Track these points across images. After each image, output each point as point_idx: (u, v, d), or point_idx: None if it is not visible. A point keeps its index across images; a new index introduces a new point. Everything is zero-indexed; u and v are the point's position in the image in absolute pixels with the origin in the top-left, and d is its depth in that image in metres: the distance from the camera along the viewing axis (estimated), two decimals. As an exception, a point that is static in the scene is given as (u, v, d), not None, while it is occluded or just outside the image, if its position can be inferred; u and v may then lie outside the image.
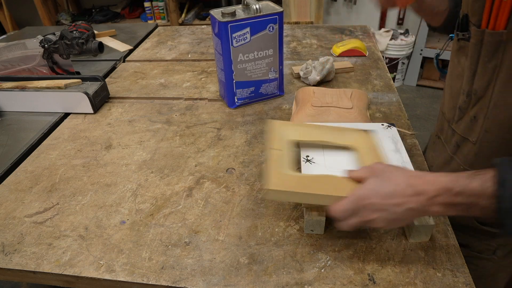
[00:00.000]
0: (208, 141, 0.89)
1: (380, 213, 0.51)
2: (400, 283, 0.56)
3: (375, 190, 0.51)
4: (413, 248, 0.61)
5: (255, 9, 0.89)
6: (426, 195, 0.49)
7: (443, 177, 0.50)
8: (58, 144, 0.92)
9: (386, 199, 0.50)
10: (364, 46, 1.28)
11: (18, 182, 0.80)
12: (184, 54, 1.38)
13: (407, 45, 2.78)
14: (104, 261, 0.62)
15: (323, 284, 0.56)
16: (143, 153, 0.86)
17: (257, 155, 0.84)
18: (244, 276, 0.58)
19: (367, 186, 0.53)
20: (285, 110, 1.00)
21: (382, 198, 0.50)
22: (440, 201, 0.49)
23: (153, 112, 1.02)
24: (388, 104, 1.00)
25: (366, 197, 0.51)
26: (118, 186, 0.77)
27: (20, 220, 0.70)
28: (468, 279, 0.56)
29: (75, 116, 1.03)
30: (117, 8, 3.07)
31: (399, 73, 2.95)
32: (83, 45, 1.15)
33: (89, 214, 0.71)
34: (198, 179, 0.78)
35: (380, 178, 0.53)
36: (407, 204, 0.50)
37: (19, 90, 1.03)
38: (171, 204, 0.72)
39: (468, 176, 0.49)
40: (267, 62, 0.98)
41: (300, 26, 1.59)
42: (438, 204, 0.49)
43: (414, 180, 0.51)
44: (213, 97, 1.08)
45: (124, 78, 1.22)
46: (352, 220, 0.53)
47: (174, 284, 0.58)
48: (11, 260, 0.63)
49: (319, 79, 1.08)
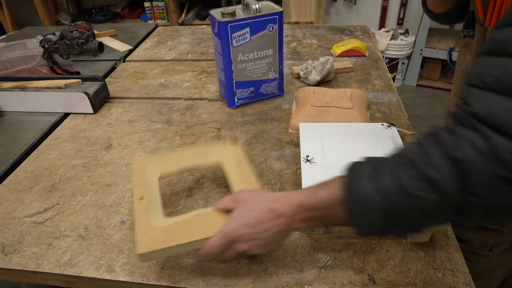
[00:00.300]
0: (208, 141, 0.89)
1: (252, 242, 0.52)
2: (400, 283, 0.56)
3: (241, 222, 0.53)
4: (413, 248, 0.61)
5: (255, 9, 0.89)
6: (286, 216, 0.51)
7: (297, 194, 0.52)
8: (58, 144, 0.92)
9: (253, 228, 0.52)
10: (364, 46, 1.29)
11: (18, 182, 0.80)
12: (184, 54, 1.38)
13: (407, 45, 2.78)
14: (104, 261, 0.62)
15: (323, 284, 0.56)
16: (143, 153, 0.86)
17: (257, 155, 0.84)
18: (244, 276, 0.58)
19: (233, 219, 0.54)
20: (285, 110, 1.00)
21: (250, 228, 0.52)
22: (300, 218, 0.51)
23: (153, 112, 1.02)
24: (388, 104, 1.00)
25: (234, 231, 0.52)
26: (118, 186, 0.77)
27: (20, 220, 0.71)
28: (468, 279, 0.56)
29: (75, 116, 1.03)
30: (117, 8, 3.07)
31: (399, 73, 2.95)
32: (83, 45, 1.15)
33: (89, 214, 0.71)
34: (198, 179, 0.78)
35: (244, 209, 0.54)
36: (273, 228, 0.52)
37: (19, 90, 1.02)
38: (171, 204, 0.72)
39: (318, 189, 0.51)
40: (267, 62, 0.98)
41: (300, 26, 1.59)
42: (299, 221, 0.51)
43: (274, 204, 0.52)
44: (213, 97, 1.08)
45: (124, 78, 1.22)
46: (227, 253, 0.54)
47: (174, 284, 0.58)
48: (11, 260, 0.63)
49: (319, 79, 1.08)
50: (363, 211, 0.46)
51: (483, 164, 0.39)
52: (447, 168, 0.41)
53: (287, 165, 0.80)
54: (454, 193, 0.41)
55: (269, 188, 0.74)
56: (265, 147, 0.86)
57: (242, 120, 0.97)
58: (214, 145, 0.74)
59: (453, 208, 0.42)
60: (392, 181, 0.44)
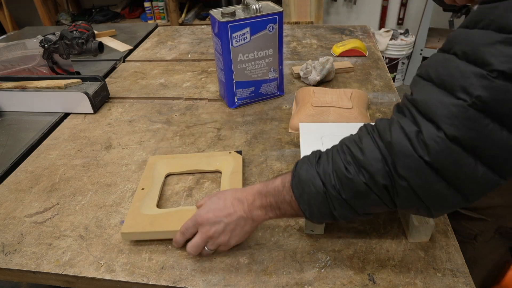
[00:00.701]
0: (208, 141, 0.89)
1: (217, 225, 0.58)
2: (400, 283, 0.56)
3: (209, 208, 0.59)
4: (413, 248, 0.61)
5: (255, 9, 0.89)
6: (246, 202, 0.57)
7: (258, 184, 0.58)
8: (58, 144, 0.92)
9: (218, 212, 0.58)
10: (364, 46, 1.28)
11: (18, 182, 0.80)
12: (184, 54, 1.38)
13: (407, 45, 2.78)
14: (104, 261, 0.62)
15: (323, 284, 0.56)
16: (143, 153, 0.86)
17: (257, 155, 0.84)
18: (244, 276, 0.58)
19: (203, 206, 0.61)
20: (285, 110, 1.00)
21: (215, 212, 0.58)
22: (258, 204, 0.56)
23: (153, 112, 1.02)
24: (388, 104, 1.00)
25: (202, 215, 0.59)
26: (118, 186, 0.77)
27: (20, 220, 0.70)
28: (468, 279, 0.56)
29: (75, 116, 1.03)
30: (117, 8, 3.07)
31: (399, 73, 2.95)
32: (83, 45, 1.14)
33: (89, 214, 0.71)
34: (198, 179, 0.78)
35: (213, 198, 0.61)
36: (236, 213, 0.57)
37: (19, 90, 1.02)
38: (171, 204, 0.72)
39: (274, 178, 0.57)
40: (267, 62, 0.98)
41: (300, 26, 1.59)
42: (257, 208, 0.56)
43: (239, 193, 0.59)
44: (213, 97, 1.08)
45: (124, 78, 1.22)
46: (196, 238, 0.59)
47: (174, 284, 0.58)
48: (11, 260, 0.63)
49: (319, 79, 1.08)
50: (307, 195, 0.51)
51: (409, 147, 0.43)
52: (373, 151, 0.46)
53: (287, 165, 0.80)
54: (381, 175, 0.45)
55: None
56: (265, 147, 0.86)
57: (242, 120, 0.97)
58: (221, 152, 0.83)
59: (383, 191, 0.46)
60: (330, 166, 0.49)
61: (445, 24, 2.75)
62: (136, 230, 0.62)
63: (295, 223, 0.66)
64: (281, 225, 0.66)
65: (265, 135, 0.90)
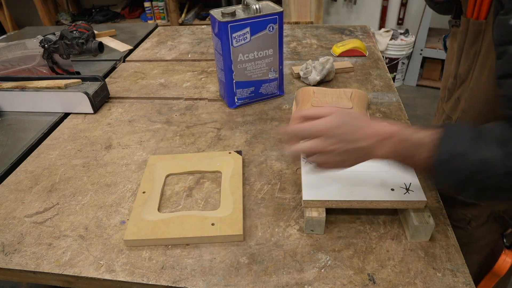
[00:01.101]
0: (208, 141, 0.89)
1: (339, 145, 0.53)
2: (400, 283, 0.56)
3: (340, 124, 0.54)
4: (413, 248, 0.61)
5: (255, 9, 0.89)
6: (376, 137, 0.53)
7: (393, 125, 0.54)
8: (58, 144, 0.92)
9: (347, 134, 0.54)
10: (364, 46, 1.29)
11: (18, 182, 0.80)
12: (184, 54, 1.38)
13: (407, 45, 2.78)
14: (104, 261, 0.62)
15: (323, 284, 0.56)
16: (143, 153, 0.86)
17: (257, 155, 0.84)
18: (244, 276, 0.58)
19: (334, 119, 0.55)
20: (285, 110, 1.00)
21: (345, 134, 0.54)
22: (388, 144, 0.53)
23: (153, 112, 1.02)
24: (388, 104, 1.00)
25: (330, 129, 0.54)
26: (118, 186, 0.77)
27: (20, 220, 0.70)
28: (468, 279, 0.56)
29: (75, 116, 1.03)
30: (117, 8, 3.07)
31: (399, 73, 2.95)
32: (83, 45, 1.15)
33: (89, 214, 0.71)
34: (198, 179, 0.78)
35: (347, 117, 0.55)
36: (362, 142, 0.53)
37: (19, 90, 1.02)
38: (171, 204, 0.72)
39: (415, 129, 0.53)
40: (267, 62, 0.98)
41: (300, 26, 1.59)
42: (385, 147, 0.53)
43: (371, 122, 0.56)
44: (213, 97, 1.08)
45: (124, 78, 1.22)
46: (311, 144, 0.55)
47: (174, 284, 0.58)
48: (11, 260, 0.63)
49: (319, 79, 1.08)
50: (450, 167, 0.49)
51: None
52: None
53: (287, 165, 0.80)
54: None
55: (269, 188, 0.74)
56: (265, 147, 0.86)
57: (242, 120, 0.97)
58: (221, 152, 0.82)
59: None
60: (488, 151, 0.48)
61: (445, 24, 2.75)
62: (139, 238, 0.63)
63: (295, 223, 0.66)
64: (281, 225, 0.66)
65: (265, 135, 0.90)
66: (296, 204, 0.70)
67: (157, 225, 0.65)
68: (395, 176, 0.66)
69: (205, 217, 0.66)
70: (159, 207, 0.71)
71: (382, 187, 0.64)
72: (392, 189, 0.64)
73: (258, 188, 0.75)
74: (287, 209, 0.69)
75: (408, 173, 0.67)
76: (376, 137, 0.53)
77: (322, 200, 0.63)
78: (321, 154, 0.55)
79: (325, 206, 0.63)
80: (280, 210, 0.69)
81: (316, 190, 0.64)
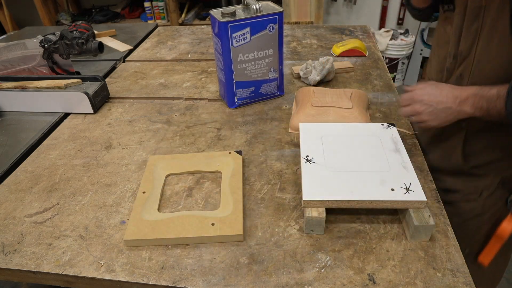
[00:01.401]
0: (208, 141, 0.89)
1: (427, 106, 0.72)
2: (400, 283, 0.56)
3: (426, 92, 0.74)
4: (413, 248, 0.61)
5: (255, 9, 0.89)
6: (459, 98, 0.70)
7: (473, 88, 0.70)
8: (58, 144, 0.92)
9: (432, 97, 0.72)
10: (364, 46, 1.28)
11: (18, 182, 0.80)
12: (184, 54, 1.38)
13: (407, 45, 2.78)
14: (104, 261, 0.62)
15: (323, 284, 0.56)
16: (143, 153, 0.86)
17: (257, 155, 0.84)
18: (244, 276, 0.58)
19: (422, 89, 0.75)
20: (285, 110, 1.00)
21: (430, 97, 0.72)
22: (470, 102, 0.69)
23: (153, 112, 1.02)
24: (388, 104, 1.00)
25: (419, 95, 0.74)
26: (118, 186, 0.77)
27: (20, 220, 0.70)
28: (468, 279, 0.56)
29: (75, 116, 1.03)
30: (117, 8, 3.07)
31: (399, 73, 2.95)
32: (83, 45, 1.15)
33: (89, 214, 0.71)
34: (198, 179, 0.78)
35: (432, 86, 0.74)
36: (446, 103, 0.71)
37: (19, 90, 1.03)
38: (171, 204, 0.72)
39: (490, 87, 0.68)
40: (267, 62, 0.98)
41: (300, 26, 1.59)
42: (468, 105, 0.70)
43: (455, 90, 0.72)
44: (213, 97, 1.08)
45: (124, 78, 1.22)
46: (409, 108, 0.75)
47: (174, 284, 0.58)
48: (11, 260, 0.63)
49: (319, 79, 1.08)
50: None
51: None
52: None
53: (287, 165, 0.80)
54: None
55: (269, 188, 0.74)
56: (265, 147, 0.86)
57: (242, 120, 0.97)
58: (221, 152, 0.82)
59: None
60: None
61: (445, 24, 2.75)
62: (139, 238, 0.63)
63: (295, 223, 0.67)
64: (281, 225, 0.66)
65: (265, 135, 0.90)
66: (296, 204, 0.70)
67: (157, 225, 0.65)
68: (395, 176, 0.66)
69: (205, 217, 0.66)
70: (159, 207, 0.71)
71: (382, 187, 0.64)
72: (392, 189, 0.64)
73: (258, 188, 0.75)
74: (287, 209, 0.69)
75: (408, 173, 0.67)
76: (459, 99, 0.70)
77: (322, 200, 0.63)
78: (417, 115, 0.74)
79: (325, 206, 0.63)
80: (280, 210, 0.69)
81: (316, 190, 0.64)
